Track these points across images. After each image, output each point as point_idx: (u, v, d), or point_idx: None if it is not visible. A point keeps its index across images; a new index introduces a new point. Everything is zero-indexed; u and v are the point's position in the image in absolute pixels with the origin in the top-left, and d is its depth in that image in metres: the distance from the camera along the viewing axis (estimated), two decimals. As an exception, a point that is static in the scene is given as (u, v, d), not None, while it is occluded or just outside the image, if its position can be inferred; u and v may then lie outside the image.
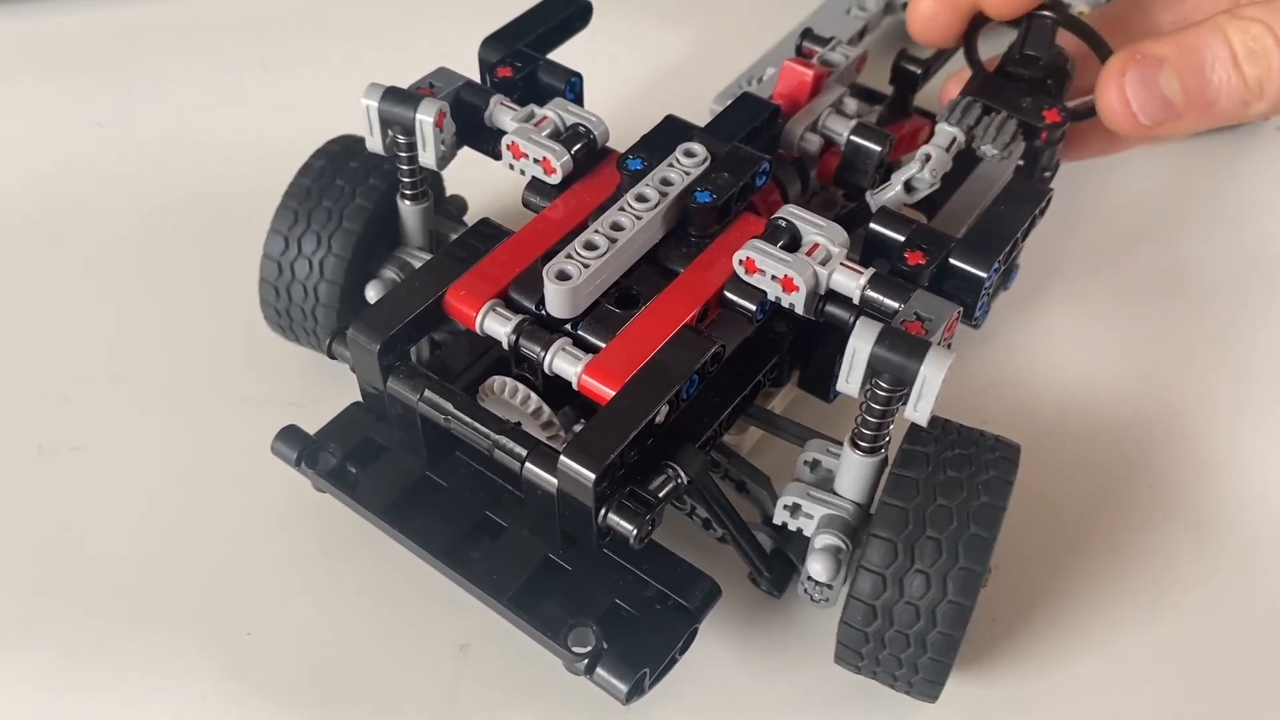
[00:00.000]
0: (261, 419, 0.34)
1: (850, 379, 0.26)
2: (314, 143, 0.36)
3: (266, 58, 0.51)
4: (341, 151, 0.35)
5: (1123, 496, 0.36)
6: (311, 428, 0.32)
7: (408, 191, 0.34)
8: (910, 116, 0.40)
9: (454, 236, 0.35)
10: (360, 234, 0.33)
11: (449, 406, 0.28)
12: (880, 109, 0.41)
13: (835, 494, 0.29)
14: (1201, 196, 0.45)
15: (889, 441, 0.28)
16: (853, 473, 0.29)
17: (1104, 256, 0.43)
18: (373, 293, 0.34)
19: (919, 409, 0.26)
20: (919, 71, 0.39)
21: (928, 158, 0.31)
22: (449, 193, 0.38)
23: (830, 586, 0.30)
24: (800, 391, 0.34)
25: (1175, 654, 0.32)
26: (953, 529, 0.27)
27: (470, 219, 0.38)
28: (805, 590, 0.30)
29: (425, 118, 0.31)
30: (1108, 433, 0.37)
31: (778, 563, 0.31)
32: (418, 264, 0.34)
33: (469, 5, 0.52)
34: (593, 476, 0.25)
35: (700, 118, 0.33)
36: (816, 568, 0.29)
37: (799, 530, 0.30)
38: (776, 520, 0.30)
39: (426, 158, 0.32)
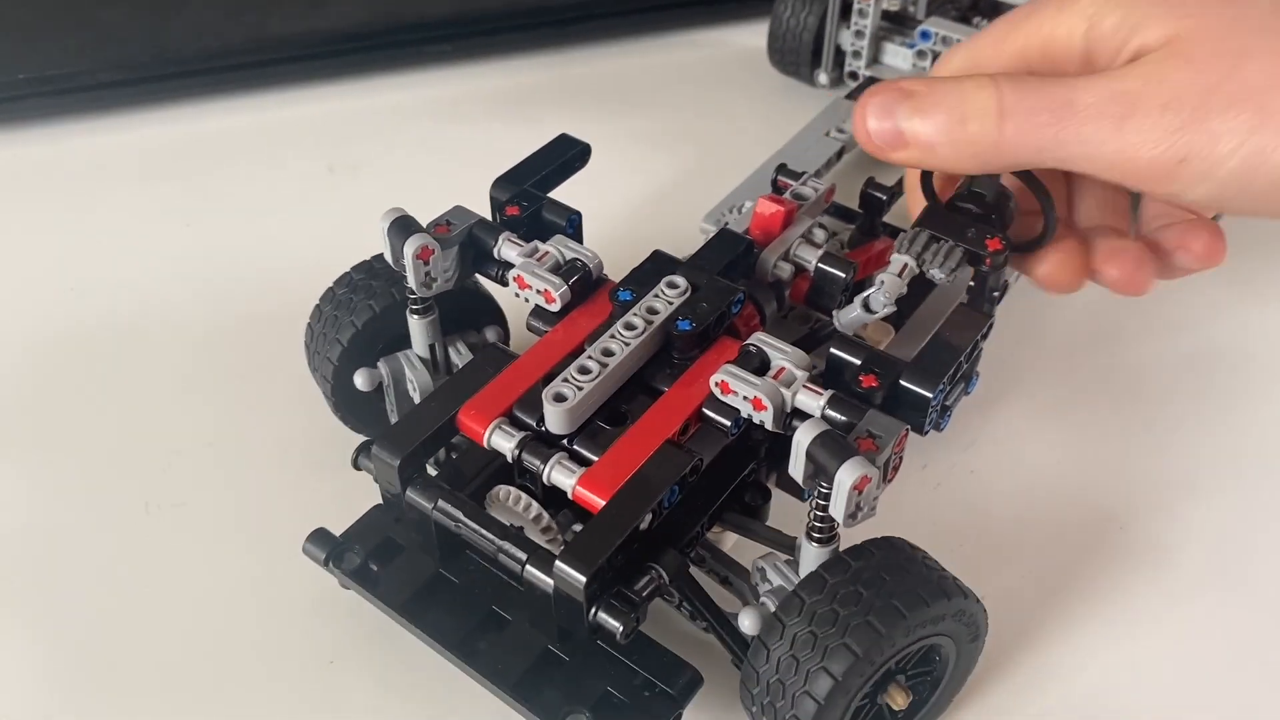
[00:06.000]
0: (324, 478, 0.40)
1: (796, 467, 0.30)
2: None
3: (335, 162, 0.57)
4: (376, 266, 0.40)
5: (1073, 585, 0.39)
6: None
7: (414, 306, 0.38)
8: (879, 236, 0.45)
9: (448, 348, 0.39)
10: (359, 330, 0.38)
11: (459, 515, 0.31)
12: (853, 229, 0.46)
13: (797, 574, 0.33)
14: (1145, 305, 0.49)
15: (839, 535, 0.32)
16: (808, 559, 0.32)
17: (1057, 359, 0.47)
18: (359, 379, 0.38)
19: (835, 507, 0.29)
20: (884, 197, 0.43)
21: (882, 283, 0.36)
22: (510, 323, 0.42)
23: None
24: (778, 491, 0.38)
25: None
26: (830, 632, 0.29)
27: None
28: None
29: (409, 249, 0.35)
30: (1062, 520, 0.41)
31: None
32: (408, 366, 0.38)
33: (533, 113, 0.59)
34: (584, 580, 0.28)
35: (692, 234, 0.38)
36: (745, 621, 0.32)
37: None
38: (753, 581, 0.33)
39: (411, 281, 0.35)
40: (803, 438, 0.29)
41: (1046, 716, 0.35)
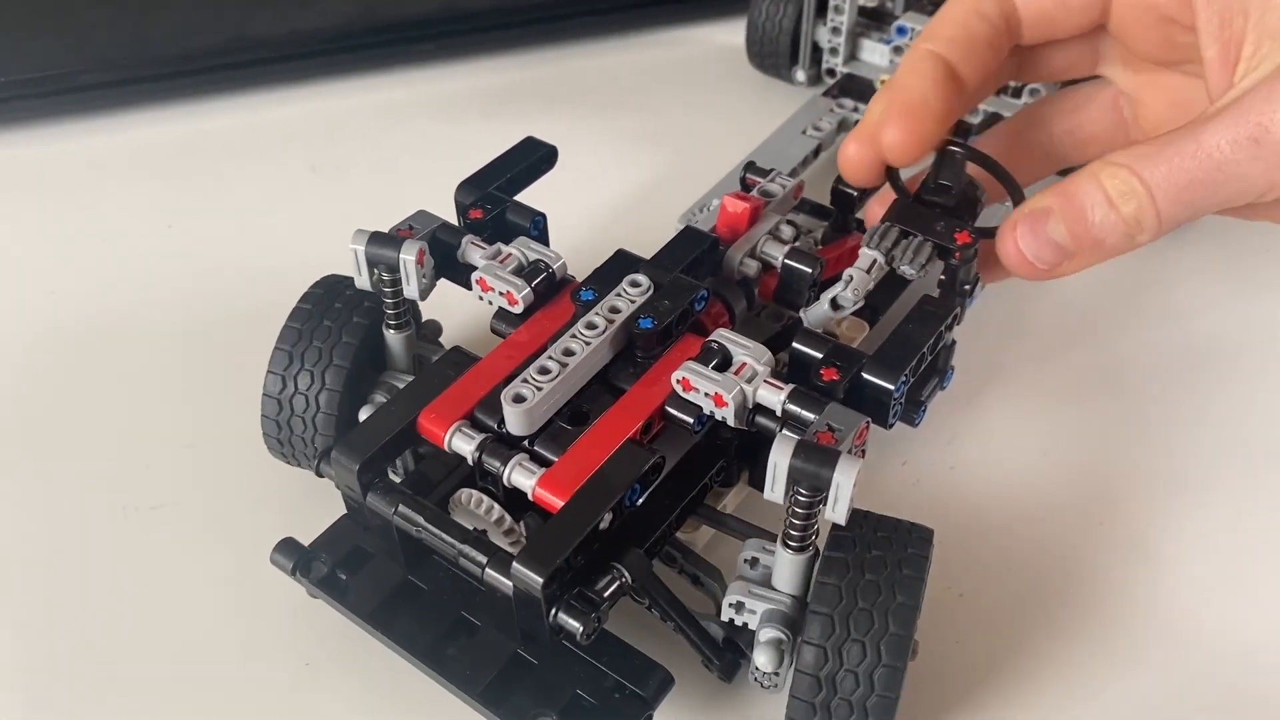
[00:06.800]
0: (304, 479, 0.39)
1: (775, 489, 0.29)
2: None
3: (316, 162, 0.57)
4: (325, 295, 0.38)
5: (1052, 581, 0.38)
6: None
7: (392, 322, 0.38)
8: (851, 233, 0.44)
9: (434, 359, 0.39)
10: (349, 369, 0.37)
11: (419, 519, 0.31)
12: (826, 226, 0.45)
13: (774, 589, 0.32)
14: (1131, 298, 0.49)
15: (816, 537, 0.31)
16: (786, 570, 0.31)
17: (1042, 354, 0.46)
18: (365, 415, 0.38)
19: (836, 510, 0.29)
20: (855, 193, 0.43)
21: (850, 279, 0.35)
22: (425, 318, 0.42)
23: (777, 674, 0.33)
24: (751, 489, 0.37)
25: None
26: (881, 599, 0.29)
27: (450, 331, 0.42)
28: (754, 678, 0.33)
29: (408, 257, 0.35)
30: (1041, 516, 0.40)
31: (728, 652, 0.34)
32: (402, 386, 0.38)
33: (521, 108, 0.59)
34: (541, 580, 0.28)
35: (668, 233, 0.38)
36: (762, 659, 0.31)
37: (745, 624, 0.32)
38: (724, 618, 0.32)
39: (410, 290, 0.36)
40: (780, 458, 0.29)
41: (1030, 714, 0.35)
